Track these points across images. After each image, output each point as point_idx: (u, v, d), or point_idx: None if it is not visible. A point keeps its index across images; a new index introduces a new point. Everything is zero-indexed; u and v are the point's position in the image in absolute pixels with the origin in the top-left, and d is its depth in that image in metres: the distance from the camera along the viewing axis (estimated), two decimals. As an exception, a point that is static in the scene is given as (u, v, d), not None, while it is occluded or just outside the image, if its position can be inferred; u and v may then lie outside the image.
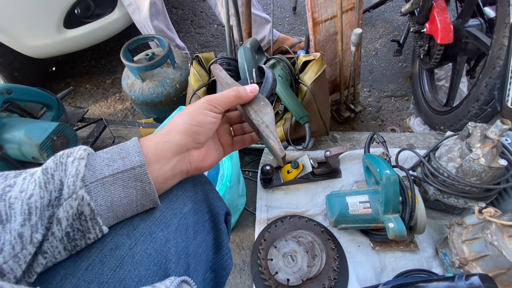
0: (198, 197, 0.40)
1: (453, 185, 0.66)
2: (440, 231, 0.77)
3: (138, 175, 0.30)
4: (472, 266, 0.59)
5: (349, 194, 0.75)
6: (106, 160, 0.30)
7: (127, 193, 0.31)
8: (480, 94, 0.77)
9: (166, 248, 0.33)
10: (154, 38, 1.13)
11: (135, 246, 0.31)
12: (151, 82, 1.07)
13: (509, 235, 0.55)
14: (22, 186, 0.26)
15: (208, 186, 0.43)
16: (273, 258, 0.74)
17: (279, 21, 1.75)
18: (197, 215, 0.39)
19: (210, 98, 0.36)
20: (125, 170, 0.30)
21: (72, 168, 0.28)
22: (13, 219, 0.25)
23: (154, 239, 0.33)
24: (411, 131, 1.17)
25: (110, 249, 0.30)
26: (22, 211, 0.25)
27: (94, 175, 0.29)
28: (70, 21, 1.25)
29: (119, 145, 0.32)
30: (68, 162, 0.28)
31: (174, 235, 0.35)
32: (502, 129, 0.56)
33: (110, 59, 1.75)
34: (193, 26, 1.84)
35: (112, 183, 0.30)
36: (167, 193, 0.36)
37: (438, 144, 0.73)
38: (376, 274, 0.72)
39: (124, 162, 0.30)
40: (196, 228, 0.38)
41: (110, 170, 0.29)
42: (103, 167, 0.29)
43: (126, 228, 0.32)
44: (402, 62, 1.43)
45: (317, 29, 0.98)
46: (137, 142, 0.32)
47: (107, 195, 0.29)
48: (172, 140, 0.33)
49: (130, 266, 0.30)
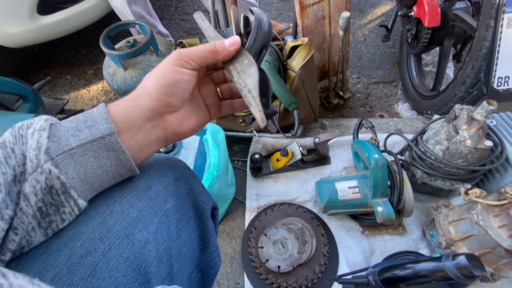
0: (181, 192, 0.37)
1: (440, 168, 0.67)
2: (428, 213, 0.79)
3: (109, 144, 0.28)
4: (458, 246, 0.61)
5: (338, 180, 0.74)
6: (71, 130, 0.28)
7: (100, 164, 0.28)
8: (466, 77, 0.77)
9: (145, 251, 0.30)
10: (135, 24, 1.08)
11: (110, 250, 0.28)
12: (134, 70, 1.03)
13: (494, 214, 0.56)
14: None
15: (192, 179, 0.39)
16: (263, 246, 0.73)
17: (267, 7, 1.71)
18: (180, 211, 0.36)
19: (180, 51, 0.31)
20: (94, 140, 0.28)
21: (32, 140, 0.26)
22: None
23: (131, 241, 0.30)
24: (399, 116, 1.18)
25: (80, 256, 0.27)
26: None
27: (60, 147, 0.27)
28: (44, 6, 1.18)
29: (84, 113, 0.29)
30: (28, 134, 0.26)
31: (155, 236, 0.32)
32: (488, 110, 0.56)
33: (91, 49, 1.67)
34: (177, 12, 1.77)
35: (81, 154, 0.27)
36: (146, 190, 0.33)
37: (426, 128, 0.73)
38: (366, 257, 0.73)
39: (92, 131, 0.28)
40: (180, 226, 0.35)
41: (77, 141, 0.27)
42: (69, 137, 0.27)
43: (98, 231, 0.29)
44: (390, 48, 1.42)
45: (304, 13, 0.95)
46: (104, 108, 0.29)
47: (78, 167, 0.27)
48: (141, 105, 0.30)
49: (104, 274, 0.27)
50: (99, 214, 0.30)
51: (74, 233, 0.28)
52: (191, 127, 0.34)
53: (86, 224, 0.29)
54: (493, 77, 0.60)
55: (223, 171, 0.71)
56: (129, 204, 0.31)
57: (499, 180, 0.70)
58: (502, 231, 0.54)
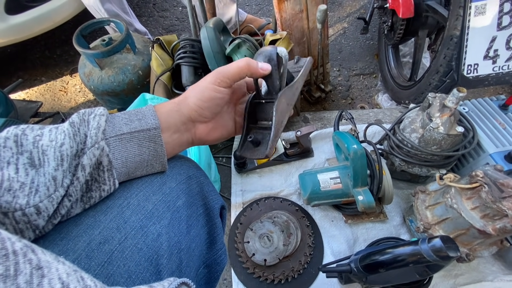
0: (193, 190, 0.39)
1: (417, 155, 0.69)
2: (407, 200, 0.81)
3: (152, 137, 0.33)
4: (435, 229, 0.63)
5: (320, 172, 0.75)
6: (124, 119, 0.33)
7: (141, 152, 0.33)
8: (439, 66, 0.80)
9: (158, 243, 0.32)
10: (110, 22, 1.05)
11: (125, 240, 0.30)
12: (111, 69, 1.00)
13: (467, 197, 0.58)
14: (50, 136, 0.29)
15: (204, 178, 0.41)
16: (249, 240, 0.74)
17: (246, 2, 1.69)
18: (191, 208, 0.38)
19: (218, 71, 0.36)
20: (142, 130, 0.32)
21: (94, 122, 0.30)
22: (46, 164, 0.27)
23: (145, 233, 0.31)
24: (380, 107, 1.20)
25: (98, 243, 0.29)
26: (55, 157, 0.28)
27: (114, 131, 0.31)
28: (12, 5, 1.13)
29: (135, 109, 0.34)
30: (90, 118, 0.31)
31: (167, 230, 0.33)
32: (458, 97, 0.58)
33: (67, 49, 1.61)
34: (156, 9, 1.73)
35: (129, 140, 0.32)
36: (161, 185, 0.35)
37: (402, 117, 0.75)
38: (350, 246, 0.75)
39: (141, 123, 0.33)
40: (190, 222, 0.37)
41: (128, 128, 0.32)
42: (122, 125, 0.32)
43: (116, 221, 0.31)
44: (369, 40, 1.44)
45: (282, 6, 0.95)
46: (153, 107, 0.34)
47: (123, 151, 0.32)
48: (182, 110, 0.35)
49: (119, 262, 0.29)
50: (117, 205, 0.32)
51: (93, 221, 0.30)
52: (216, 137, 0.39)
53: (104, 214, 0.31)
54: (463, 65, 0.62)
55: (205, 168, 0.71)
56: (144, 198, 0.33)
57: (472, 164, 0.73)
58: (475, 213, 0.56)
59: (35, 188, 0.27)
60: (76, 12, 1.27)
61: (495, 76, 0.62)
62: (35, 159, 0.27)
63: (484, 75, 0.62)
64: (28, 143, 0.28)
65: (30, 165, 0.27)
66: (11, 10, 1.13)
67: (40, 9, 1.16)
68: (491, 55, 0.61)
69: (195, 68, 0.89)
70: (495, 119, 0.72)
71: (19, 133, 0.28)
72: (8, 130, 0.28)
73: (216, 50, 0.82)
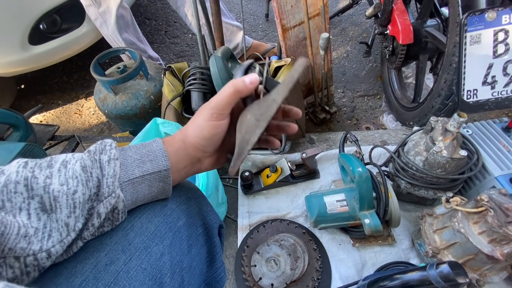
0: (192, 211, 0.40)
1: (422, 178, 0.70)
2: (416, 222, 0.80)
3: (162, 177, 0.35)
4: (444, 254, 0.62)
5: (327, 194, 0.76)
6: (137, 161, 0.34)
7: (150, 191, 0.35)
8: (441, 89, 0.82)
9: (161, 262, 0.34)
10: (125, 50, 1.12)
11: (130, 261, 0.32)
12: (124, 95, 1.06)
13: (474, 221, 0.58)
14: (60, 179, 0.29)
15: (202, 199, 0.43)
16: (256, 264, 0.74)
17: (253, 28, 1.78)
18: (191, 228, 0.39)
19: (210, 105, 0.34)
20: (153, 172, 0.34)
21: (109, 169, 0.31)
22: (58, 210, 0.28)
23: (149, 253, 0.33)
24: (385, 127, 1.22)
25: (104, 264, 0.31)
26: (68, 205, 0.29)
27: (127, 175, 0.33)
28: (35, 37, 1.22)
29: (144, 146, 0.35)
30: (103, 160, 0.32)
31: (169, 249, 0.35)
32: (459, 122, 0.60)
33: (83, 74, 1.70)
34: (167, 36, 1.83)
35: (140, 183, 0.34)
36: (162, 207, 0.37)
37: (406, 140, 0.76)
38: (358, 270, 0.74)
39: (153, 165, 0.34)
40: (190, 242, 0.39)
41: (140, 172, 0.33)
42: (134, 168, 0.33)
43: (121, 243, 0.32)
44: (372, 63, 1.49)
45: (286, 35, 1.00)
46: (163, 146, 0.35)
47: (134, 193, 0.33)
48: (188, 150, 0.36)
49: (125, 282, 0.30)
50: (121, 228, 0.34)
51: (99, 244, 0.32)
52: (222, 162, 0.40)
53: (110, 237, 0.33)
54: (463, 90, 0.64)
55: (212, 191, 0.72)
56: (147, 220, 0.35)
57: (479, 187, 0.73)
58: (482, 237, 0.56)
59: (47, 233, 0.28)
60: (93, 41, 1.36)
61: (494, 101, 0.63)
62: (46, 204, 0.28)
63: (483, 100, 0.64)
64: (39, 187, 0.28)
65: (41, 209, 0.28)
66: (34, 41, 1.22)
67: (61, 40, 1.25)
68: (489, 81, 0.63)
69: (204, 94, 0.93)
70: (499, 142, 0.73)
71: (29, 176, 0.28)
72: (17, 171, 0.28)
73: (224, 77, 0.86)
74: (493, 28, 0.61)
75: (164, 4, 2.02)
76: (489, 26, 0.61)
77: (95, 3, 1.16)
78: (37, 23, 1.18)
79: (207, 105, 0.35)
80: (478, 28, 0.61)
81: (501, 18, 0.61)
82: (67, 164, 0.30)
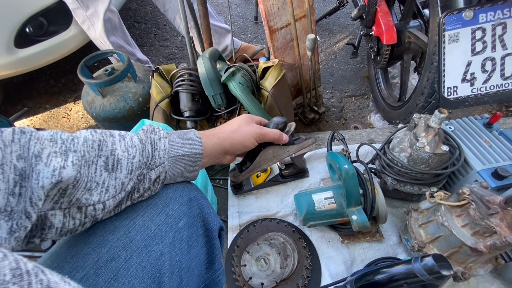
0: (193, 212, 0.41)
1: (407, 174, 0.71)
2: (403, 218, 0.81)
3: (195, 160, 0.42)
4: (429, 248, 0.63)
5: (315, 192, 0.77)
6: (179, 143, 0.41)
7: (184, 170, 0.42)
8: (424, 88, 0.84)
9: (160, 262, 0.34)
10: (113, 53, 1.11)
11: (131, 258, 0.32)
12: (112, 97, 1.05)
13: (457, 215, 0.59)
14: (121, 147, 0.35)
15: (203, 201, 0.44)
16: (246, 263, 0.73)
17: (242, 31, 1.79)
18: (191, 229, 0.40)
19: (261, 132, 0.52)
20: (191, 154, 0.42)
21: (160, 144, 0.39)
22: (119, 170, 0.34)
23: (149, 252, 0.34)
24: (372, 127, 1.24)
25: (105, 261, 0.31)
26: (127, 167, 0.34)
27: (172, 152, 0.40)
28: (21, 40, 1.20)
29: (184, 132, 0.43)
30: (154, 138, 0.39)
31: (169, 249, 0.36)
32: (440, 118, 0.61)
33: (71, 77, 1.68)
34: (157, 39, 1.83)
35: (180, 161, 0.41)
36: (164, 207, 0.39)
37: (391, 137, 0.78)
38: (347, 267, 0.74)
39: (191, 148, 0.42)
40: (190, 243, 0.39)
41: (182, 151, 0.41)
42: (178, 148, 0.40)
43: (122, 240, 0.33)
44: (359, 64, 1.51)
45: (274, 36, 1.02)
46: (199, 135, 0.44)
47: (174, 168, 0.40)
48: (223, 145, 0.47)
49: (124, 279, 0.31)
50: (123, 225, 0.34)
51: (101, 240, 0.33)
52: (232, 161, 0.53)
53: (112, 233, 0.34)
54: (443, 88, 0.66)
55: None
56: (149, 219, 0.36)
57: (462, 182, 0.74)
58: (465, 230, 0.57)
59: (105, 188, 0.32)
60: (81, 44, 1.35)
61: (474, 97, 0.65)
62: (109, 164, 0.33)
63: (463, 97, 0.66)
64: (107, 149, 0.33)
65: (104, 168, 0.33)
66: (20, 44, 1.21)
67: (47, 43, 1.24)
68: (468, 78, 0.65)
69: (193, 95, 0.93)
70: (481, 137, 0.75)
71: (101, 139, 0.34)
72: (91, 133, 0.33)
73: (212, 78, 0.87)
74: (471, 27, 0.63)
75: (153, 7, 2.02)
76: (466, 24, 0.63)
77: (82, 6, 1.15)
78: (23, 26, 1.17)
79: (257, 127, 0.52)
80: (456, 27, 0.63)
81: (478, 17, 0.63)
82: (124, 137, 0.36)
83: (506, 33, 0.60)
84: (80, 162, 0.30)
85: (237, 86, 0.87)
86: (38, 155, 0.27)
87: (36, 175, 0.27)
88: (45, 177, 0.27)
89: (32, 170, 0.27)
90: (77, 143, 0.31)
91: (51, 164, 0.28)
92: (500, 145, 0.72)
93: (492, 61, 0.62)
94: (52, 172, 0.27)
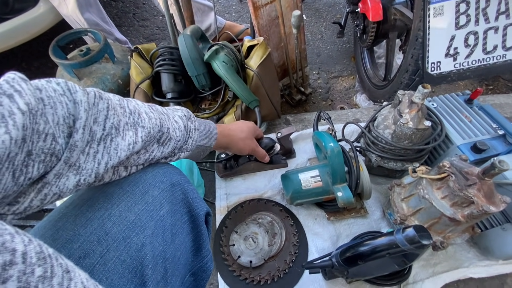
0: (176, 198, 0.39)
1: (391, 150, 0.72)
2: (386, 194, 0.84)
3: (206, 150, 0.53)
4: (410, 220, 0.66)
5: (301, 171, 0.77)
6: (203, 135, 0.50)
7: (197, 155, 0.52)
8: (408, 65, 0.84)
9: (142, 254, 0.32)
10: (88, 32, 1.05)
11: (107, 253, 0.30)
12: (89, 79, 0.99)
13: (437, 187, 0.61)
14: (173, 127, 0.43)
15: (187, 185, 0.42)
16: (235, 243, 0.74)
17: (226, 10, 1.73)
18: (175, 216, 0.38)
19: (255, 150, 0.73)
20: (207, 147, 0.52)
21: (194, 135, 0.47)
22: (166, 146, 0.41)
23: (128, 244, 0.31)
24: (358, 107, 1.25)
25: (77, 257, 0.29)
26: (172, 146, 0.42)
27: (197, 142, 0.48)
28: (-16, 19, 1.10)
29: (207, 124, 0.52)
30: (191, 127, 0.47)
31: (151, 239, 0.33)
32: (423, 93, 0.62)
33: (44, 61, 1.58)
34: (136, 19, 1.74)
35: (197, 149, 0.49)
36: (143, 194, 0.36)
37: (376, 115, 0.78)
38: (333, 242, 0.76)
39: (209, 141, 0.52)
40: (174, 231, 0.37)
41: (203, 143, 0.50)
42: (200, 139, 0.49)
43: (96, 234, 0.30)
44: (345, 44, 1.50)
45: (258, 13, 0.98)
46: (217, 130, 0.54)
47: (191, 153, 0.48)
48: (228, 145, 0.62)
49: (101, 275, 0.29)
50: (97, 217, 0.32)
51: (72, 235, 0.30)
52: None
53: (84, 227, 0.31)
54: (427, 63, 0.66)
55: (186, 173, 0.71)
56: (126, 208, 0.33)
57: (443, 157, 0.76)
58: (445, 202, 0.59)
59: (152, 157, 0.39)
60: (53, 23, 1.25)
61: (456, 72, 0.66)
62: (162, 139, 0.40)
63: (446, 72, 0.66)
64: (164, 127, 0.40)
65: (157, 141, 0.40)
66: (-17, 23, 1.11)
67: (14, 21, 1.14)
68: (451, 53, 0.65)
69: (175, 75, 0.89)
70: (461, 113, 0.76)
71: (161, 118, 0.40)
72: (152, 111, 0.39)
73: (194, 56, 0.83)
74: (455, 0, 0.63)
75: (130, -16, 1.90)
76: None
77: (50, -20, 1.07)
78: (-15, 3, 1.07)
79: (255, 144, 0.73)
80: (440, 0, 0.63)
81: (462, -10, 0.63)
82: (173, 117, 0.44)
83: (490, 6, 0.60)
84: (147, 137, 0.35)
85: (220, 65, 0.84)
86: (117, 128, 0.32)
87: (115, 146, 0.32)
88: (122, 149, 0.32)
89: (112, 140, 0.31)
90: (144, 119, 0.36)
91: (126, 138, 0.32)
92: (480, 120, 0.74)
93: (475, 35, 0.63)
94: (128, 146, 0.33)
